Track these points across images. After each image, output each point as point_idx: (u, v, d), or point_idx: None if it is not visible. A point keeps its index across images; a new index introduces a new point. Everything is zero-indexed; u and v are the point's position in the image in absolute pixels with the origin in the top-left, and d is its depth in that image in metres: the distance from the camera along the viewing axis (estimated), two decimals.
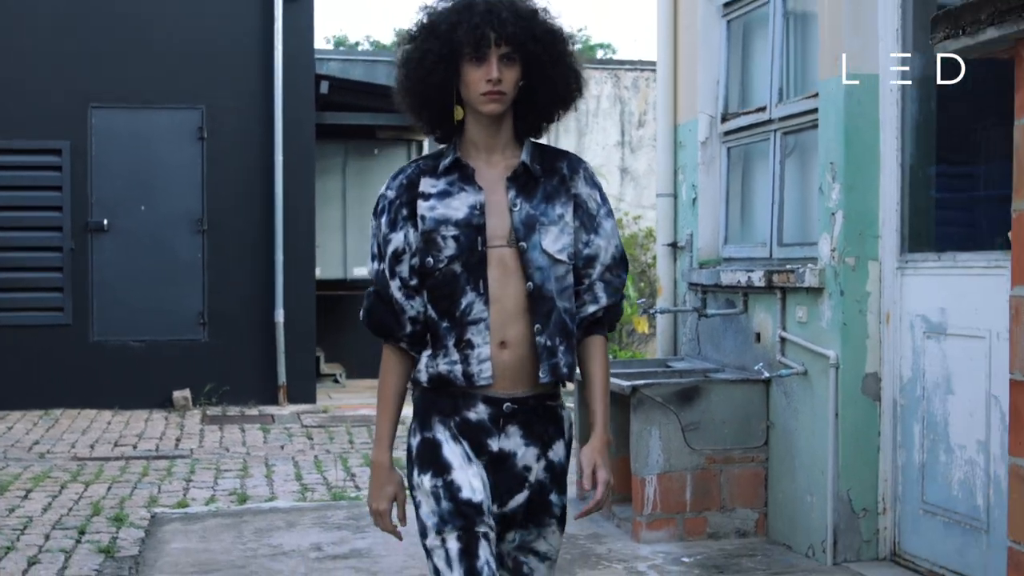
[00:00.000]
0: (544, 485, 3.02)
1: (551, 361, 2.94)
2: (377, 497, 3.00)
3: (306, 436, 10.17)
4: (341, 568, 5.79)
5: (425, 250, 2.91)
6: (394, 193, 2.97)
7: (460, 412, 2.93)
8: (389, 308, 2.97)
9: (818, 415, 5.64)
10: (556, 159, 3.04)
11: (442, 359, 2.92)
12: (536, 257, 2.93)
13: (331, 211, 13.67)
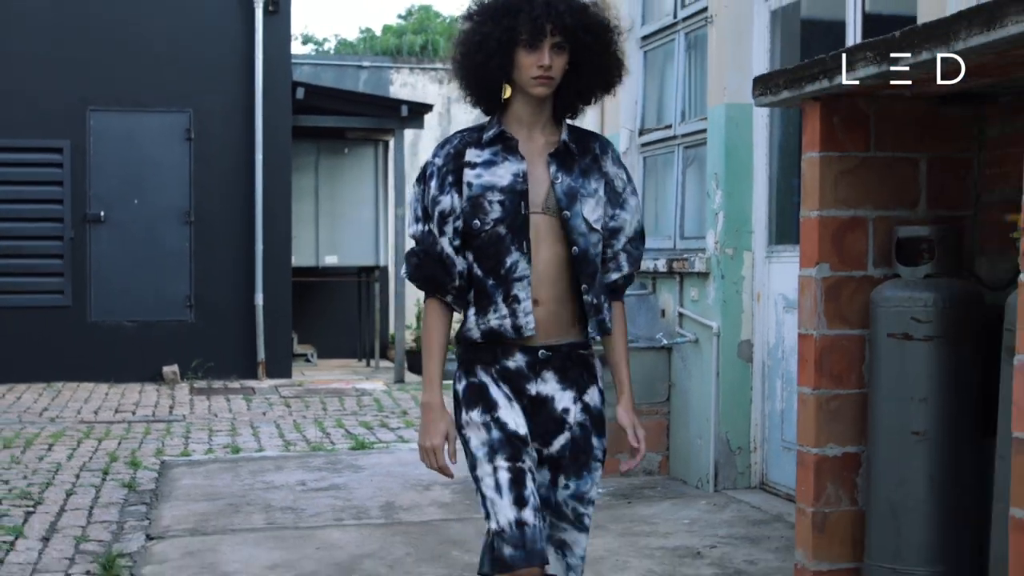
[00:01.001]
0: (585, 427, 3.24)
1: (598, 317, 3.24)
2: (431, 434, 3.20)
3: (284, 404, 11.51)
4: (322, 496, 7.16)
5: (472, 213, 3.17)
6: (442, 161, 3.23)
7: (499, 361, 3.21)
8: (439, 262, 3.20)
9: (705, 374, 7.06)
10: (589, 140, 3.33)
11: (493, 315, 3.18)
12: (579, 224, 3.19)
13: (305, 205, 14.89)
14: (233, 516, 6.66)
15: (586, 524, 3.28)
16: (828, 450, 4.61)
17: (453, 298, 3.24)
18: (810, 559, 4.63)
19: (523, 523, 3.09)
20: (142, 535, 6.26)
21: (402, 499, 7.05)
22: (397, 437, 9.50)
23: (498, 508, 3.10)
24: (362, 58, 18.53)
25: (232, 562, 5.71)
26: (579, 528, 3.27)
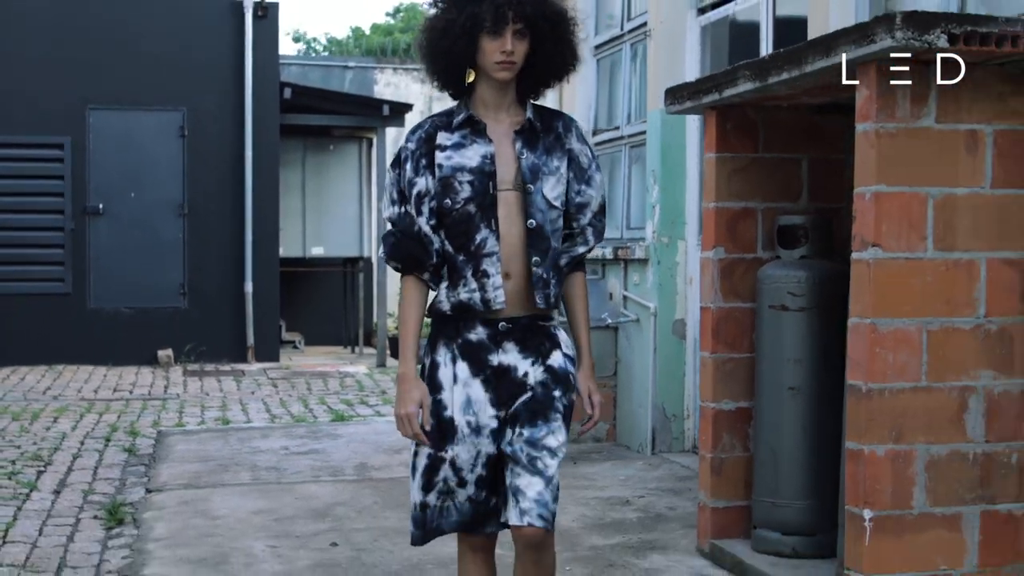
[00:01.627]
0: (546, 384, 3.38)
1: (545, 291, 3.39)
2: (405, 402, 3.37)
3: (272, 385, 12.35)
4: (303, 458, 8.01)
5: (443, 193, 3.36)
6: (414, 145, 3.42)
7: (462, 334, 3.40)
8: (417, 241, 3.39)
9: (645, 350, 7.91)
10: (553, 118, 3.50)
11: (462, 288, 3.37)
12: (538, 200, 3.37)
13: (292, 199, 15.68)
14: (223, 474, 7.51)
15: (539, 468, 3.32)
16: (724, 405, 5.47)
17: (430, 275, 3.41)
18: (709, 498, 5.49)
19: (425, 505, 3.42)
20: (142, 489, 7.10)
21: (374, 460, 7.91)
22: (374, 412, 10.35)
23: (411, 487, 3.46)
24: (348, 59, 19.34)
25: (221, 508, 6.56)
26: (531, 471, 3.31)
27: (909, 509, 4.27)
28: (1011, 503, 4.37)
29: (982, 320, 4.31)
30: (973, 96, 4.26)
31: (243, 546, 5.77)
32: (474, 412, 3.39)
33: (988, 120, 4.28)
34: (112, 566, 5.47)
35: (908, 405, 4.24)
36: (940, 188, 4.25)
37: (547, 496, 3.33)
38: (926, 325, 4.26)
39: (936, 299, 4.26)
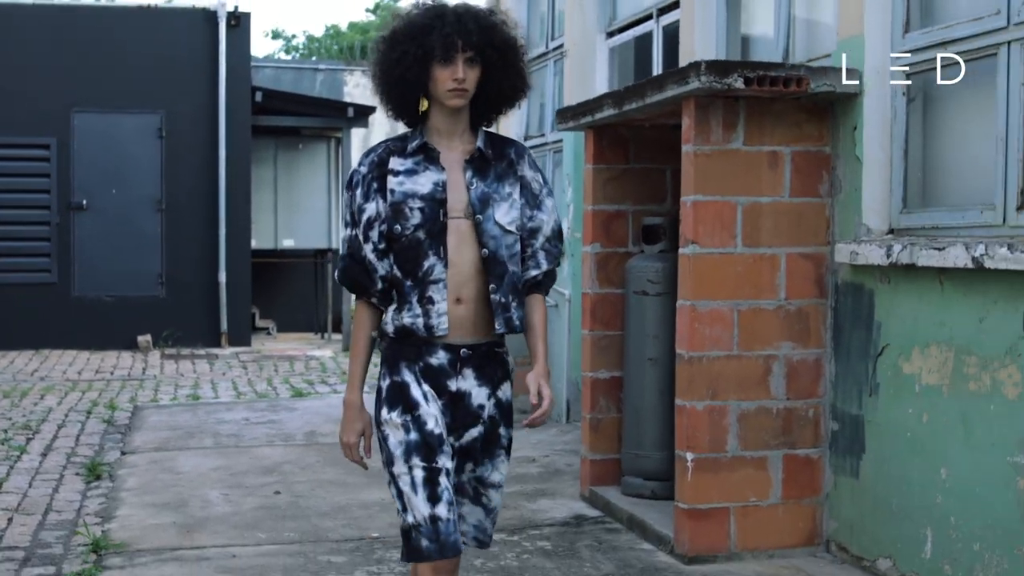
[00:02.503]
0: (495, 420, 3.45)
1: (505, 315, 3.38)
2: (348, 431, 3.43)
3: (242, 367, 13.42)
4: (260, 427, 9.09)
5: (394, 218, 3.35)
6: (366, 169, 3.42)
7: (423, 358, 3.38)
8: (362, 267, 3.40)
9: (562, 331, 9.00)
10: (505, 145, 3.52)
11: (406, 313, 3.36)
12: (490, 228, 3.38)
13: (265, 194, 16.71)
14: (188, 440, 8.58)
15: (483, 502, 3.51)
16: (600, 374, 6.56)
17: (378, 299, 3.43)
18: (588, 451, 6.58)
19: (437, 518, 3.30)
20: (118, 451, 8.17)
21: (323, 429, 8.98)
22: (332, 389, 11.42)
23: (414, 504, 3.29)
24: (319, 62, 20.43)
25: (185, 466, 7.64)
26: (474, 503, 3.51)
27: (724, 452, 5.37)
28: (808, 448, 5.47)
29: (783, 302, 5.41)
30: (774, 124, 5.35)
31: (200, 494, 6.84)
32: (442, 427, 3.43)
33: (787, 143, 5.37)
34: (90, 510, 6.52)
35: (722, 369, 5.34)
36: (747, 197, 5.34)
37: (486, 523, 3.55)
38: (737, 306, 5.35)
39: (745, 285, 5.35)
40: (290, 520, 6.23)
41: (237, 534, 5.96)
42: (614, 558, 5.50)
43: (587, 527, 6.07)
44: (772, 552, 5.42)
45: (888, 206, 5.20)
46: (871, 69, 5.18)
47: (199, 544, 5.78)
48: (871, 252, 4.99)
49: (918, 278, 4.81)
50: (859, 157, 5.22)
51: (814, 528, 5.48)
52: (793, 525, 5.46)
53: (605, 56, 8.79)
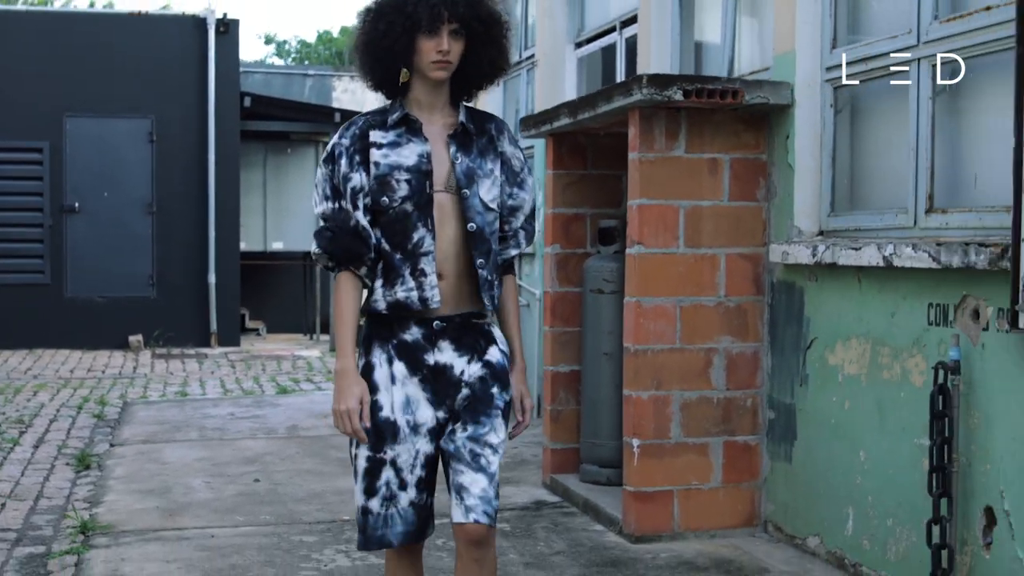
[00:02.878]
0: (484, 380, 3.37)
1: (491, 292, 3.38)
2: (345, 397, 3.28)
3: (230, 366, 13.82)
4: (245, 422, 9.48)
5: (380, 191, 3.31)
6: (348, 141, 3.36)
7: (397, 335, 3.36)
8: (355, 235, 3.32)
9: (533, 329, 9.39)
10: (485, 120, 3.48)
11: (399, 287, 3.32)
12: (476, 204, 3.35)
13: (254, 198, 17.15)
14: (175, 433, 8.98)
15: (481, 464, 3.31)
16: (560, 368, 6.95)
17: (367, 270, 3.35)
18: (550, 441, 6.98)
19: (367, 511, 3.36)
20: (107, 443, 8.56)
21: (304, 423, 9.38)
22: (316, 387, 11.82)
23: (355, 492, 3.41)
24: (308, 67, 20.89)
25: (170, 457, 8.03)
26: (474, 468, 3.30)
27: (668, 439, 5.77)
28: (746, 435, 5.87)
29: (722, 299, 5.81)
30: (714, 133, 5.75)
31: (184, 482, 7.23)
32: (412, 411, 3.35)
33: (726, 150, 5.77)
34: (79, 496, 6.91)
35: (666, 361, 5.74)
36: (689, 201, 5.74)
37: (491, 492, 3.31)
38: (679, 302, 5.76)
39: (687, 283, 5.75)
40: (267, 505, 6.62)
41: (217, 517, 6.34)
42: (567, 538, 5.90)
43: (545, 511, 6.46)
44: (714, 532, 5.82)
45: (818, 210, 5.60)
46: (802, 82, 5.58)
47: (180, 526, 6.17)
48: (800, 252, 5.39)
49: (840, 276, 5.22)
50: (791, 164, 5.62)
51: (752, 510, 5.88)
52: (733, 507, 5.86)
53: (574, 66, 9.19)
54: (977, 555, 4.39)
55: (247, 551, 5.68)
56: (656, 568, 5.35)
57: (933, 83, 4.86)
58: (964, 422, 4.43)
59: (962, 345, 4.43)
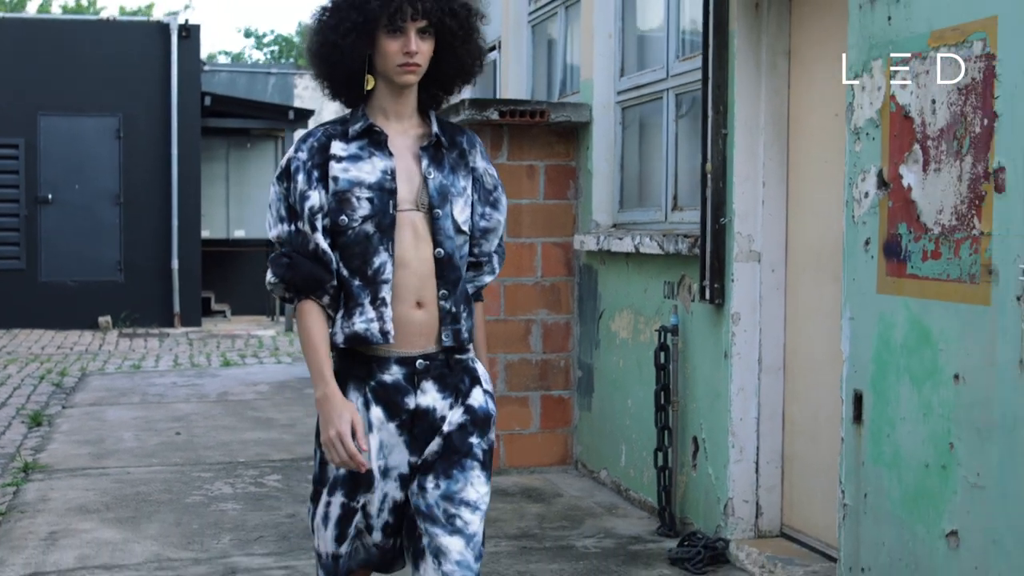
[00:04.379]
0: (464, 428, 3.00)
1: (454, 326, 2.98)
2: (334, 420, 2.88)
3: (188, 344, 15.14)
4: (183, 389, 10.82)
5: (339, 210, 2.91)
6: (306, 155, 2.96)
7: (375, 376, 2.96)
8: (315, 260, 2.93)
9: None
10: (455, 133, 3.08)
11: (358, 318, 2.93)
12: (447, 226, 2.96)
13: (217, 188, 18.43)
14: (120, 398, 10.32)
15: (458, 526, 2.96)
16: None
17: (330, 299, 2.97)
18: None
19: (338, 556, 3.08)
20: (60, 406, 9.90)
21: (235, 390, 10.73)
22: (258, 361, 13.16)
23: (320, 537, 3.08)
24: (271, 66, 22.14)
25: (111, 416, 9.38)
26: (449, 530, 2.95)
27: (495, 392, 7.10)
28: (560, 390, 7.22)
29: (540, 279, 7.16)
30: (532, 144, 7.08)
31: (116, 435, 8.58)
32: (384, 456, 3.00)
33: (542, 158, 7.11)
34: (28, 446, 8.25)
35: (492, 330, 7.08)
36: (511, 199, 7.07)
37: (469, 556, 2.96)
38: (504, 282, 7.10)
39: (510, 267, 7.08)
40: (181, 451, 7.96)
41: (136, 460, 7.69)
42: None
43: None
44: (533, 469, 7.17)
45: (611, 206, 6.94)
46: (599, 104, 6.92)
47: (104, 466, 7.51)
48: (592, 241, 6.74)
49: (616, 260, 6.57)
50: (591, 170, 6.96)
51: (566, 451, 7.23)
52: (549, 449, 7.21)
53: None
54: (688, 474, 5.75)
55: (153, 483, 7.02)
56: None
57: (677, 108, 6.21)
58: (681, 372, 5.79)
59: (680, 313, 5.78)
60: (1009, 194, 3.55)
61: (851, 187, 4.31)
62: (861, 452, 4.30)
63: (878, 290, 4.16)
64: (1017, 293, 3.53)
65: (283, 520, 6.16)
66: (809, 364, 5.23)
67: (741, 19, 5.25)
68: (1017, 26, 3.50)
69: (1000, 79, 3.57)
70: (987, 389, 3.67)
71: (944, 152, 3.81)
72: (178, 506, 6.47)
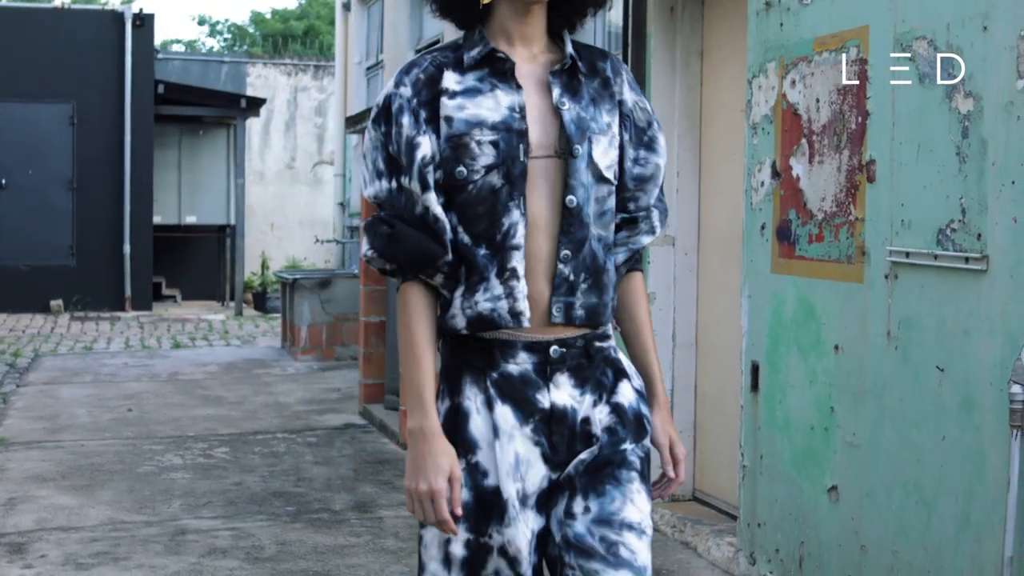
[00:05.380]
0: (614, 432, 2.38)
1: (567, 299, 2.34)
2: (429, 473, 2.27)
3: (139, 327, 15.44)
4: (135, 369, 11.15)
5: (455, 158, 2.31)
6: (410, 90, 2.35)
7: (498, 366, 2.33)
8: (425, 228, 2.31)
9: None
10: (596, 57, 2.47)
11: (482, 295, 2.32)
12: (582, 170, 2.35)
13: (169, 174, 18.66)
14: (73, 377, 10.65)
15: (623, 557, 2.33)
16: (371, 318, 8.69)
17: (444, 277, 2.35)
18: (363, 378, 8.71)
19: None
20: (15, 385, 10.22)
21: (185, 371, 11.08)
22: (208, 344, 13.49)
23: None
24: (224, 55, 22.39)
25: (64, 394, 9.71)
26: (614, 564, 2.33)
27: None
28: None
29: None
30: None
31: (70, 411, 8.92)
32: (522, 476, 2.35)
33: None
34: None
35: None
36: None
37: None
38: None
39: None
40: (133, 426, 8.31)
41: (90, 434, 8.04)
42: (356, 447, 7.65)
43: (350, 430, 8.21)
44: None
45: None
46: None
47: (59, 439, 7.86)
48: None
49: None
50: None
51: None
52: None
53: None
54: None
55: (106, 455, 7.37)
56: None
57: None
58: None
59: None
60: (879, 184, 3.99)
61: (749, 177, 4.75)
62: (757, 418, 4.74)
63: (772, 270, 4.60)
64: (885, 272, 3.97)
65: (230, 487, 6.54)
66: (718, 340, 5.67)
67: (657, 21, 5.67)
68: (885, 34, 3.94)
69: (871, 81, 4.01)
70: (861, 358, 4.11)
71: (826, 146, 4.25)
72: (130, 475, 6.84)
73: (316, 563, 5.23)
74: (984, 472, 3.59)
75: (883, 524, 4.03)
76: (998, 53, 3.48)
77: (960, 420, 3.68)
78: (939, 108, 3.71)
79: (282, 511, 6.08)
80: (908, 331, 3.89)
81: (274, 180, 21.14)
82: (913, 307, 3.86)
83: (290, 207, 21.16)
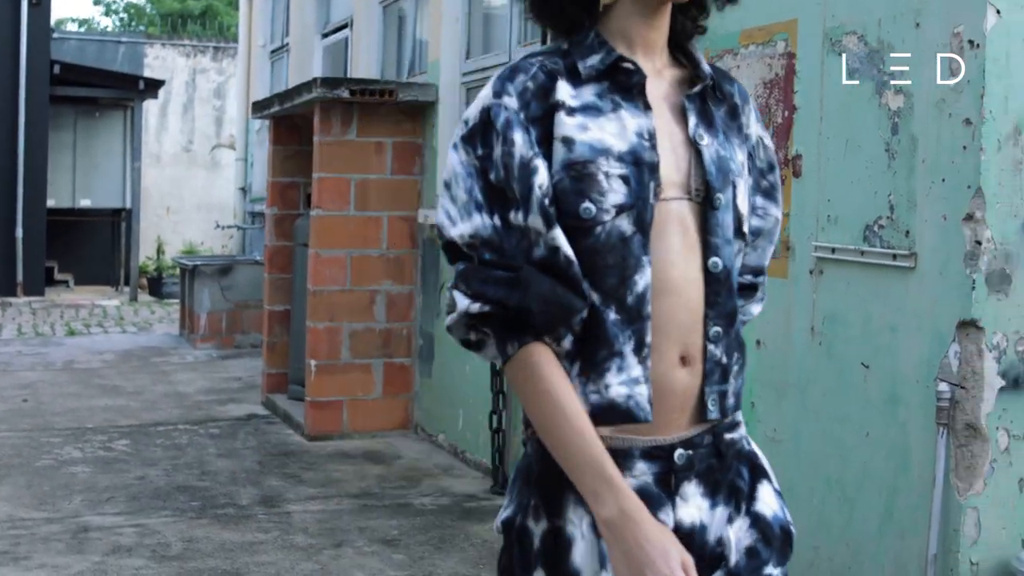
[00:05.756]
0: (755, 552, 1.91)
1: (721, 387, 1.87)
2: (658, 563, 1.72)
3: (32, 313, 15.07)
4: (29, 358, 10.85)
5: (577, 191, 1.78)
6: (516, 102, 1.81)
7: None
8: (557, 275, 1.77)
9: None
10: (723, 79, 1.98)
11: (615, 376, 1.79)
12: (725, 222, 1.87)
13: (64, 156, 18.25)
14: None
15: None
16: (276, 307, 8.53)
17: (573, 342, 1.82)
18: (267, 367, 8.55)
19: None
20: None
21: (81, 359, 10.80)
22: (103, 331, 13.20)
23: None
24: (121, 35, 21.91)
25: None
26: None
27: (339, 360, 7.39)
28: (402, 358, 7.53)
29: (385, 251, 7.44)
30: (381, 121, 7.36)
31: None
32: None
33: (390, 135, 7.39)
34: None
35: (339, 300, 7.35)
36: (360, 175, 7.35)
37: None
38: (350, 253, 7.37)
39: (356, 239, 7.36)
40: (29, 418, 8.07)
41: None
42: (260, 438, 7.50)
43: (253, 421, 8.05)
44: (375, 433, 7.47)
45: None
46: (445, 84, 7.23)
47: None
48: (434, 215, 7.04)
49: None
50: (435, 147, 7.26)
51: (407, 416, 7.54)
52: (391, 414, 7.51)
53: (320, 53, 10.73)
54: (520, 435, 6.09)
55: (2, 448, 7.14)
56: (320, 457, 6.99)
57: None
58: None
59: None
60: (805, 178, 3.96)
61: None
62: None
63: None
64: (810, 267, 3.94)
65: (132, 482, 6.36)
66: None
67: None
68: (813, 28, 3.91)
69: (799, 75, 3.98)
70: (784, 353, 4.08)
71: None
72: (28, 469, 6.62)
73: (224, 561, 5.09)
74: (909, 468, 3.58)
75: (804, 519, 4.01)
76: (930, 50, 3.46)
77: (885, 416, 3.66)
78: (868, 104, 3.68)
79: (187, 506, 5.92)
80: (833, 327, 3.87)
81: (171, 163, 20.76)
82: (838, 303, 3.84)
83: (187, 191, 20.79)
